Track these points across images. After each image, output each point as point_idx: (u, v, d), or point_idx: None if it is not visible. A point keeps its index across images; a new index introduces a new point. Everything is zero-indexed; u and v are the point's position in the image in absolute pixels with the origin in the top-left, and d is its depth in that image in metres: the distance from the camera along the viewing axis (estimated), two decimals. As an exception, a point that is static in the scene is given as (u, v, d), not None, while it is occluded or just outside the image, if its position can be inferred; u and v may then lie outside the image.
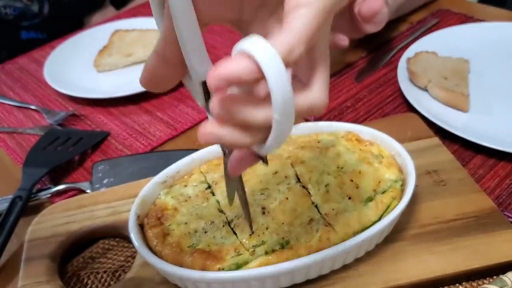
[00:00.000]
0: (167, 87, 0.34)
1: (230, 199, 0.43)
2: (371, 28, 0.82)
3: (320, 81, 0.30)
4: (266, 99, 0.26)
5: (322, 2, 0.26)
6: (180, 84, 0.91)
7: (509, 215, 0.54)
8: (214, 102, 0.26)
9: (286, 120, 0.26)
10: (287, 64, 0.25)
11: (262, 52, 0.24)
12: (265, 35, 0.27)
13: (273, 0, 0.30)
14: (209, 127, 0.27)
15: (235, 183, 0.41)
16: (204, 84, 0.33)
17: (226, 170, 0.39)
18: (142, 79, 0.33)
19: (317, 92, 0.29)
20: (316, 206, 0.48)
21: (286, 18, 0.27)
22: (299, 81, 0.29)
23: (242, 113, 0.26)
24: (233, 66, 0.25)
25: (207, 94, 0.33)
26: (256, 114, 0.26)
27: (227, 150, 0.36)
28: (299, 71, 0.29)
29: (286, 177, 0.51)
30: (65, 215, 0.55)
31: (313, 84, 0.29)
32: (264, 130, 0.27)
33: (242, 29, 0.34)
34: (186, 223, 0.49)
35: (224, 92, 0.26)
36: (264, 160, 0.34)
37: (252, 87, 0.28)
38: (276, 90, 0.25)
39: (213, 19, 0.32)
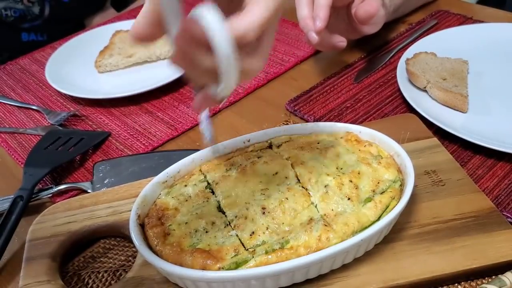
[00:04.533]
0: (150, 42, 0.41)
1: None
2: (369, 30, 0.82)
3: (262, 54, 0.38)
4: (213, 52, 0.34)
5: (273, 2, 0.34)
6: (180, 85, 0.91)
7: (508, 215, 0.54)
8: (177, 38, 0.35)
9: (229, 70, 0.34)
10: (242, 42, 0.34)
11: (208, 16, 0.33)
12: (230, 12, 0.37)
13: None
14: (177, 57, 0.36)
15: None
16: None
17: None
18: (131, 35, 0.40)
19: (258, 60, 0.38)
20: (315, 206, 0.49)
21: (246, 7, 0.35)
22: (247, 48, 0.37)
23: (193, 55, 0.34)
24: (188, 23, 0.33)
25: None
26: (204, 60, 0.34)
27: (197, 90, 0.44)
28: (249, 45, 0.37)
29: (286, 177, 0.51)
30: (66, 215, 0.56)
31: (256, 55, 0.37)
32: (214, 75, 0.35)
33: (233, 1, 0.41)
34: (186, 223, 0.49)
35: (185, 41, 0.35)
36: (218, 103, 0.41)
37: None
38: (218, 45, 0.33)
39: None
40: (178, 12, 0.37)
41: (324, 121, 0.72)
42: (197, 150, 0.57)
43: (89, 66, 0.89)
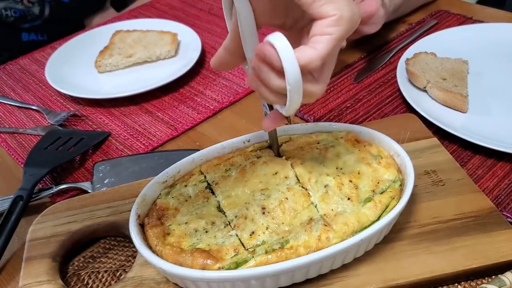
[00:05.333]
0: (230, 68, 0.51)
1: (275, 150, 0.56)
2: (368, 30, 0.82)
3: (324, 80, 0.42)
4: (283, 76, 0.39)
5: (340, 33, 0.39)
6: (180, 85, 0.92)
7: (508, 215, 0.54)
8: (254, 58, 0.40)
9: (295, 91, 0.39)
10: (307, 70, 0.39)
11: (280, 43, 0.38)
12: (299, 38, 0.45)
13: (306, 19, 0.44)
14: (252, 76, 0.43)
15: (273, 134, 0.55)
16: None
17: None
18: (213, 62, 0.48)
19: (320, 86, 0.42)
20: (315, 206, 0.49)
21: (312, 38, 0.39)
22: (310, 73, 0.41)
23: (266, 74, 0.40)
24: (262, 48, 0.39)
25: None
26: (274, 80, 0.40)
27: (266, 113, 0.51)
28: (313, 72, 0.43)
29: (286, 177, 0.51)
30: (66, 215, 0.56)
31: (319, 80, 0.42)
32: (283, 96, 0.40)
33: (285, 30, 0.47)
34: (186, 223, 0.49)
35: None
36: (289, 121, 0.49)
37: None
38: (287, 69, 0.38)
39: (266, 24, 0.45)
40: (256, 42, 0.43)
41: (324, 121, 0.72)
42: (197, 150, 0.57)
43: (89, 66, 0.89)
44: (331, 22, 0.38)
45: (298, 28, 0.46)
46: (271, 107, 0.48)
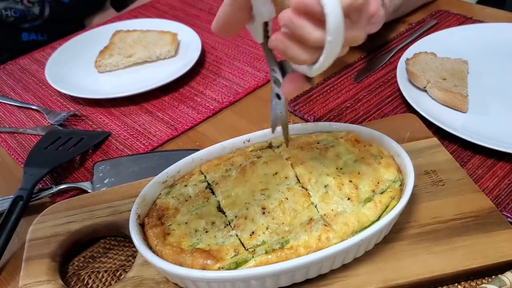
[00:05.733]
0: (233, 31, 0.42)
1: (273, 127, 0.51)
2: (368, 30, 0.82)
3: (363, 22, 0.38)
4: (323, 25, 0.34)
5: None
6: (180, 85, 0.91)
7: (508, 215, 0.54)
8: (285, 15, 0.35)
9: (336, 42, 0.34)
10: (353, 8, 0.34)
11: None
12: None
13: None
14: (280, 36, 0.36)
15: (278, 113, 0.49)
16: (265, 24, 0.41)
17: (273, 99, 0.48)
18: (214, 25, 0.41)
19: (360, 29, 0.38)
20: (315, 206, 0.49)
21: None
22: (349, 18, 0.36)
23: (304, 29, 0.34)
24: None
25: (266, 33, 0.41)
26: (313, 32, 0.34)
27: (277, 79, 0.44)
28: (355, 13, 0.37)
29: (286, 177, 0.51)
30: (66, 215, 0.56)
31: (358, 24, 0.37)
32: (316, 51, 0.35)
33: None
34: (186, 223, 0.49)
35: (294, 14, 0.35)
36: (311, 82, 0.42)
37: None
38: (330, 16, 0.33)
39: None
40: None
41: (324, 121, 0.72)
42: (197, 150, 0.57)
43: (89, 66, 0.89)
44: None
45: None
46: (282, 72, 0.43)
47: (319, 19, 0.34)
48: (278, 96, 0.45)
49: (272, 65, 0.44)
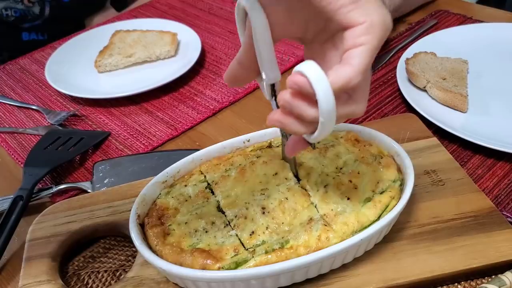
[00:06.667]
0: (243, 84, 0.46)
1: (293, 171, 0.53)
2: None
3: (363, 97, 0.39)
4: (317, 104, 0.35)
5: (374, 42, 0.35)
6: (180, 85, 0.92)
7: (508, 214, 0.54)
8: (282, 97, 0.36)
9: (328, 122, 0.36)
10: (346, 90, 0.35)
11: (313, 74, 0.34)
12: (322, 53, 0.41)
13: (330, 29, 0.39)
14: (277, 115, 0.38)
15: (292, 161, 0.52)
16: (272, 86, 0.43)
17: (283, 148, 0.52)
18: (226, 77, 0.44)
19: (359, 104, 0.39)
20: (315, 206, 0.49)
21: (346, 54, 0.35)
22: (347, 93, 0.38)
23: (299, 108, 0.36)
24: (296, 80, 0.35)
25: (273, 93, 0.44)
26: (309, 111, 0.36)
27: (284, 134, 0.49)
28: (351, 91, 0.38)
29: (286, 178, 0.51)
30: (66, 215, 0.56)
31: (357, 99, 0.38)
32: (313, 124, 0.37)
33: (306, 44, 0.44)
34: (186, 222, 0.49)
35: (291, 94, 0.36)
36: (313, 146, 0.46)
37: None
38: (321, 101, 0.34)
39: (283, 37, 0.42)
40: (273, 56, 0.40)
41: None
42: (197, 150, 0.57)
43: (89, 66, 0.89)
44: (362, 31, 0.35)
45: (320, 42, 0.41)
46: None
47: (313, 99, 0.35)
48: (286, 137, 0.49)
49: (281, 132, 0.49)
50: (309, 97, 0.35)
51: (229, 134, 0.62)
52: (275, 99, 0.43)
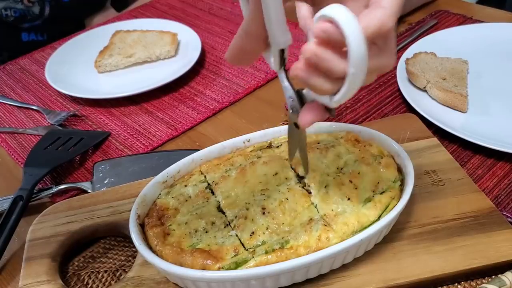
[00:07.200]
0: (249, 61, 0.40)
1: (291, 155, 0.49)
2: None
3: (392, 47, 0.36)
4: (346, 56, 0.32)
5: None
6: (180, 85, 0.92)
7: (508, 215, 0.54)
8: (309, 48, 0.33)
9: (359, 74, 0.33)
10: (379, 36, 0.32)
11: (344, 17, 0.31)
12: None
13: None
14: (301, 65, 0.34)
15: (296, 141, 0.47)
16: (281, 51, 0.39)
17: (290, 127, 0.46)
18: (229, 55, 0.39)
19: (388, 56, 0.36)
20: (315, 207, 0.49)
21: None
22: (376, 45, 0.34)
23: (327, 60, 0.33)
24: (323, 26, 0.32)
25: (282, 61, 0.39)
26: (338, 64, 0.33)
27: (295, 107, 0.42)
28: (381, 41, 0.35)
29: (286, 178, 0.51)
30: (66, 215, 0.56)
31: (387, 50, 0.35)
32: (338, 83, 0.34)
33: (315, 4, 0.39)
34: (186, 223, 0.49)
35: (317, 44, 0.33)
36: (332, 114, 0.40)
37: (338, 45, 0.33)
38: (353, 48, 0.31)
39: None
40: (283, 21, 0.36)
41: (324, 121, 0.72)
42: (197, 150, 0.57)
43: (89, 66, 0.89)
44: None
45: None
46: (300, 101, 0.41)
47: (343, 50, 0.32)
48: (296, 125, 0.43)
49: (289, 93, 0.41)
50: (337, 48, 0.32)
51: (229, 134, 0.62)
52: (284, 69, 0.40)
